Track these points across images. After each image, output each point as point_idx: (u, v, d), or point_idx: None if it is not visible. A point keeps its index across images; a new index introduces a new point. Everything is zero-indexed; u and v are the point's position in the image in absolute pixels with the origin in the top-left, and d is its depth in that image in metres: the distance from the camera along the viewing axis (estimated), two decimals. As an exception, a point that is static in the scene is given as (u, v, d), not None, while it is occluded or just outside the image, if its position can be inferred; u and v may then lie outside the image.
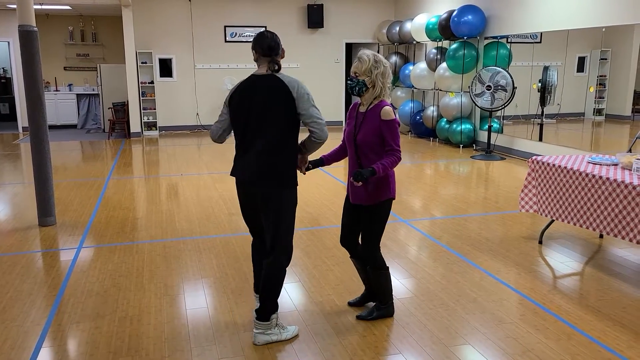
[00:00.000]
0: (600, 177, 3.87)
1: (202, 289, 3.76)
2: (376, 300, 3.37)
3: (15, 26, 11.79)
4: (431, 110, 10.43)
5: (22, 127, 12.41)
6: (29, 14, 5.00)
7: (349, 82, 3.09)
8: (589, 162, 4.29)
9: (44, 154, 5.15)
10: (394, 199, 3.14)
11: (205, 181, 7.19)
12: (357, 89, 3.04)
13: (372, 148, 3.02)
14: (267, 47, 2.96)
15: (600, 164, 4.19)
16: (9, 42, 12.17)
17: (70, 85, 13.07)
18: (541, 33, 8.24)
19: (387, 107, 2.98)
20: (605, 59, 7.34)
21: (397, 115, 3.01)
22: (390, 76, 3.06)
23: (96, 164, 8.46)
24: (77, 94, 13.02)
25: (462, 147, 9.72)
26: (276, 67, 2.96)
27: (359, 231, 3.25)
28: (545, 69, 8.18)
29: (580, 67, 7.77)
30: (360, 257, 3.30)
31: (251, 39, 12.93)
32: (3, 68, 14.19)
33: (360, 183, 2.92)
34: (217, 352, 2.94)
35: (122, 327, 3.22)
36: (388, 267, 3.25)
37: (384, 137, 2.99)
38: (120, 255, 4.45)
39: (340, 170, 7.73)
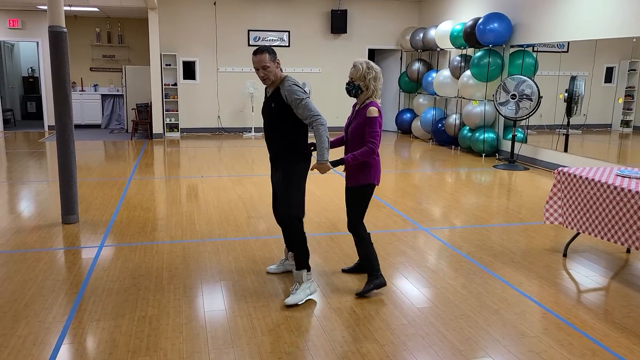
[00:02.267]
0: (630, 191, 3.78)
1: (221, 291, 3.76)
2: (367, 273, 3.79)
3: (44, 27, 12.08)
4: (453, 118, 10.34)
5: (48, 126, 12.65)
6: (59, 15, 5.08)
7: (346, 86, 3.64)
8: (617, 175, 4.19)
9: (69, 153, 5.22)
10: (375, 184, 3.65)
11: (225, 183, 7.22)
12: (353, 91, 3.60)
13: (358, 137, 3.58)
14: None
15: (630, 177, 4.09)
16: (37, 42, 12.44)
17: (95, 85, 13.29)
18: (568, 42, 8.11)
19: (372, 107, 3.52)
20: (635, 70, 7.18)
21: (381, 115, 3.56)
22: (380, 80, 3.59)
23: (119, 164, 8.56)
24: (102, 95, 13.24)
25: (485, 156, 9.61)
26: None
27: None
28: (573, 78, 8.05)
29: (608, 78, 7.62)
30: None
31: (275, 44, 12.98)
32: (31, 67, 14.50)
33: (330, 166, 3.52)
34: (235, 355, 2.93)
35: (141, 327, 3.23)
36: (372, 243, 3.74)
37: (365, 130, 3.52)
38: (140, 255, 4.48)
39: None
